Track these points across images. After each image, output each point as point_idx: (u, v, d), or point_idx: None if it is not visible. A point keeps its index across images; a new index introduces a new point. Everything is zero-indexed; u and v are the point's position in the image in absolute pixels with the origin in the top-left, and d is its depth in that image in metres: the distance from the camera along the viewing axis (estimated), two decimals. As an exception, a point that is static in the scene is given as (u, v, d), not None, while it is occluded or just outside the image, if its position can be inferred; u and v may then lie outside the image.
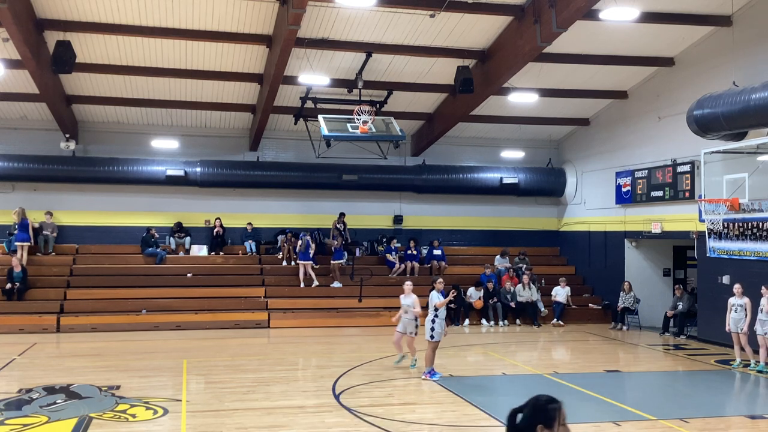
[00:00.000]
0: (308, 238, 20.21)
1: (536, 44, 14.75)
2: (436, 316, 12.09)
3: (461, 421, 9.39)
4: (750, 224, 15.04)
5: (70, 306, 18.09)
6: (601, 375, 12.90)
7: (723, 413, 10.30)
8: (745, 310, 13.28)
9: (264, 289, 19.84)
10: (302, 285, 19.96)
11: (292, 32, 14.00)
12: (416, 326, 12.71)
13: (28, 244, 19.11)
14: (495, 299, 19.78)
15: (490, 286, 19.92)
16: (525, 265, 21.13)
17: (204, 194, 21.39)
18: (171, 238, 21.01)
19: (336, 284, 20.29)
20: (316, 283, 19.98)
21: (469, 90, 16.89)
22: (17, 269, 18.23)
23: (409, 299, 12.79)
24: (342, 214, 21.51)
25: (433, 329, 12.07)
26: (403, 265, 21.20)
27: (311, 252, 20.16)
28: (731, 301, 13.55)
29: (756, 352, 13.17)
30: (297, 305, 19.29)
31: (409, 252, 21.51)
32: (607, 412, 9.91)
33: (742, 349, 13.41)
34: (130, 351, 14.83)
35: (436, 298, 12.26)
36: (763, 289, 13.04)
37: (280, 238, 21.54)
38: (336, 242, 20.63)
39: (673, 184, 17.65)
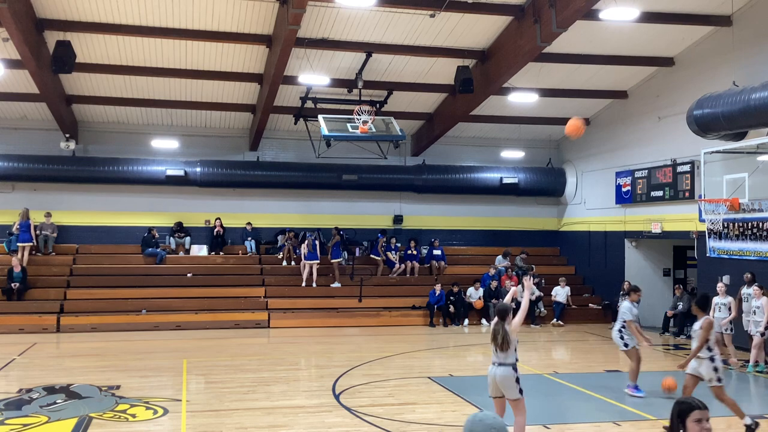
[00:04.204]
0: (314, 238, 20.22)
1: (536, 44, 14.76)
2: (623, 326, 11.31)
3: (461, 421, 9.35)
4: (750, 224, 15.04)
5: (70, 306, 18.09)
6: (601, 375, 12.90)
7: (723, 413, 10.29)
8: (729, 309, 13.32)
9: (264, 289, 19.84)
10: (304, 284, 19.95)
11: (292, 32, 14.01)
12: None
13: (30, 244, 19.16)
14: (497, 300, 19.72)
15: (494, 284, 19.91)
16: (528, 266, 21.10)
17: (204, 194, 21.39)
18: (171, 238, 21.01)
19: (336, 284, 20.30)
20: (314, 284, 19.98)
21: (469, 90, 16.89)
22: (17, 269, 18.23)
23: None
24: (383, 233, 21.75)
25: (622, 337, 11.21)
26: (402, 265, 21.21)
27: (318, 251, 20.17)
28: (715, 300, 13.55)
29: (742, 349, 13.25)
30: (297, 305, 19.30)
31: (409, 252, 21.52)
32: (607, 412, 9.92)
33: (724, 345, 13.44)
34: (130, 351, 14.84)
35: (628, 312, 11.27)
36: (756, 289, 13.08)
37: (281, 237, 21.55)
38: (332, 242, 20.71)
39: (673, 184, 17.66)
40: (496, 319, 7.84)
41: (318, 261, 20.07)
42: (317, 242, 20.20)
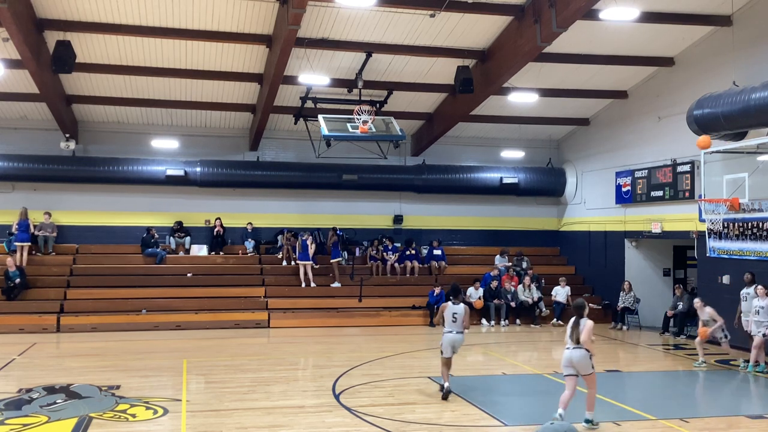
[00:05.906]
0: (305, 238, 20.22)
1: (536, 44, 14.76)
2: None
3: (461, 421, 9.40)
4: (750, 224, 15.04)
5: (70, 306, 18.09)
6: (601, 375, 12.80)
7: (723, 413, 10.30)
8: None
9: (264, 289, 19.84)
10: (303, 285, 19.99)
11: (292, 32, 14.01)
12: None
13: (29, 244, 19.16)
14: (500, 300, 19.73)
15: (494, 284, 19.90)
16: (526, 264, 21.14)
17: (204, 194, 21.39)
18: (171, 238, 21.00)
19: (336, 284, 20.30)
20: (312, 284, 19.99)
21: (469, 90, 16.89)
22: (12, 269, 18.19)
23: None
24: (377, 238, 21.85)
25: None
26: (400, 265, 21.18)
27: (310, 252, 20.16)
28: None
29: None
30: (297, 305, 19.30)
31: (408, 252, 21.51)
32: (607, 412, 9.90)
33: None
34: (130, 351, 14.83)
35: None
36: (760, 289, 13.07)
37: (280, 237, 21.55)
38: (331, 242, 20.72)
39: (673, 184, 17.66)
40: (574, 316, 9.51)
41: (310, 262, 20.06)
42: (308, 243, 20.17)
